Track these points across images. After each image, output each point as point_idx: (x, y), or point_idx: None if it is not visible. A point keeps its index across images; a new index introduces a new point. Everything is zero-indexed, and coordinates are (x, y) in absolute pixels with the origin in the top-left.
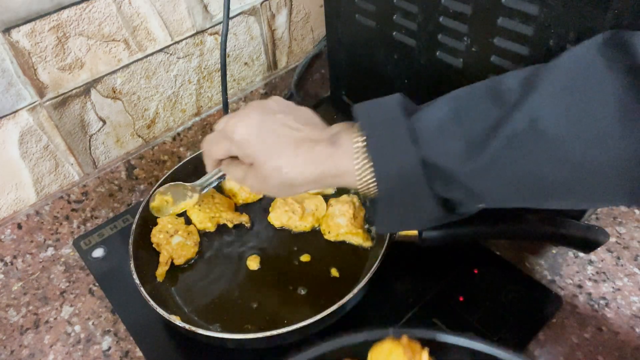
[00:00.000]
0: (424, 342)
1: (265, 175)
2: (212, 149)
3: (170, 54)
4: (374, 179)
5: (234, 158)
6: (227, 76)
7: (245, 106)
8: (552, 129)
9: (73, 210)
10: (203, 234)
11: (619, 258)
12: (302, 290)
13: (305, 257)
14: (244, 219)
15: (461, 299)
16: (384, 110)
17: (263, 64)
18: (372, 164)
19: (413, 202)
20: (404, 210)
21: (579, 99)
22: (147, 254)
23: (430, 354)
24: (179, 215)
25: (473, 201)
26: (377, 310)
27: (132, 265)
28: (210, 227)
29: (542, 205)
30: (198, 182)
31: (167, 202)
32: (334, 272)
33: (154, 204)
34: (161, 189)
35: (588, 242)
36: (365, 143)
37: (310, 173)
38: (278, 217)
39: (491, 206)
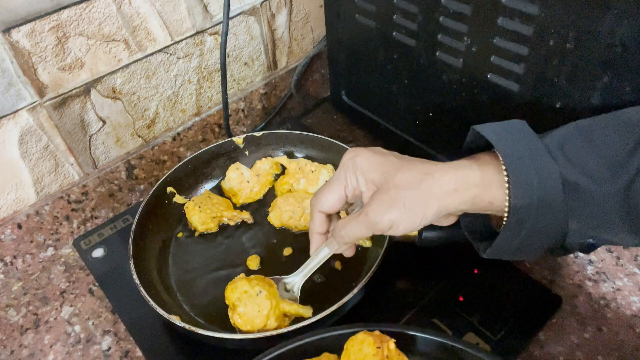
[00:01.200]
0: (394, 336)
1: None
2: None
3: (170, 54)
4: (510, 202)
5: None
6: (227, 76)
7: None
8: None
9: (73, 210)
10: (203, 235)
11: (619, 258)
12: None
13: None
14: (246, 215)
15: (461, 299)
16: (517, 133)
17: (263, 64)
18: (513, 191)
19: (543, 225)
20: (528, 235)
21: None
22: (147, 253)
23: (402, 347)
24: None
25: (592, 230)
26: (376, 310)
27: (132, 265)
28: (212, 227)
29: None
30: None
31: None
32: (337, 265)
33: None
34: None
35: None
36: (509, 168)
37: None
38: (278, 217)
39: (601, 242)
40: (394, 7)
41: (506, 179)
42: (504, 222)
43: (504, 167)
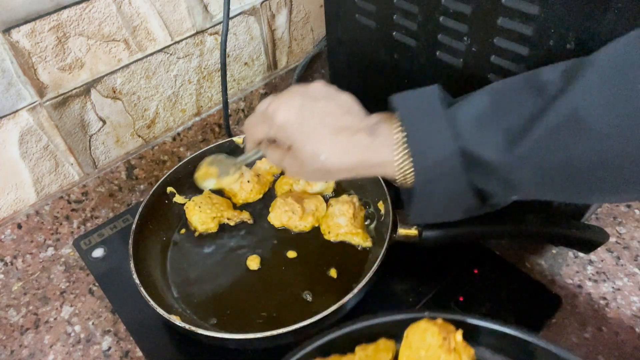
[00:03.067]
0: (456, 325)
1: (302, 160)
2: (253, 130)
3: (170, 54)
4: (413, 169)
5: (273, 141)
6: (227, 76)
7: (288, 89)
8: (594, 121)
9: (73, 210)
10: (203, 235)
11: (619, 258)
12: (301, 290)
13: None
14: (245, 216)
15: (461, 299)
16: (422, 101)
17: (263, 64)
18: (411, 154)
19: (449, 192)
20: (439, 201)
21: (620, 92)
22: (147, 253)
23: (464, 337)
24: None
25: (508, 193)
26: (377, 310)
27: (132, 265)
28: (212, 227)
29: (573, 199)
30: (238, 158)
31: (211, 174)
32: (333, 273)
33: (199, 173)
34: (208, 159)
35: (588, 242)
36: (405, 134)
37: (348, 161)
38: (278, 217)
39: (524, 198)
40: (394, 7)
41: (401, 139)
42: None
43: (400, 129)
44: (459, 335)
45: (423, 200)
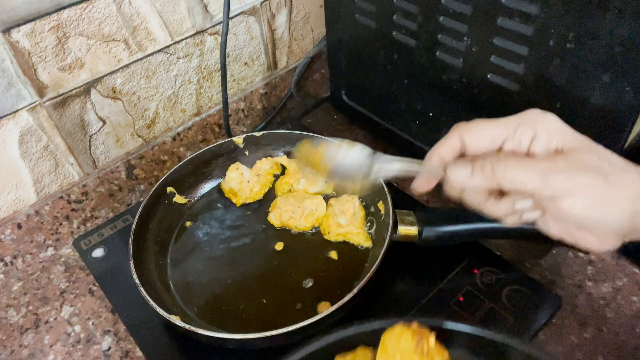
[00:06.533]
0: (432, 329)
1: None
2: (463, 170)
3: (170, 54)
4: None
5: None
6: (227, 76)
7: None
8: None
9: (73, 210)
10: (203, 235)
11: (619, 258)
12: (301, 290)
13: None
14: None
15: (461, 299)
16: None
17: (263, 64)
18: None
19: None
20: None
21: None
22: (147, 253)
23: (439, 340)
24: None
25: None
26: (377, 311)
27: (132, 265)
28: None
29: None
30: (373, 168)
31: (312, 158)
32: (333, 273)
33: (311, 159)
34: (327, 147)
35: None
36: None
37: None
38: (278, 216)
39: None
40: (394, 7)
41: None
42: None
43: None
44: (431, 338)
45: None
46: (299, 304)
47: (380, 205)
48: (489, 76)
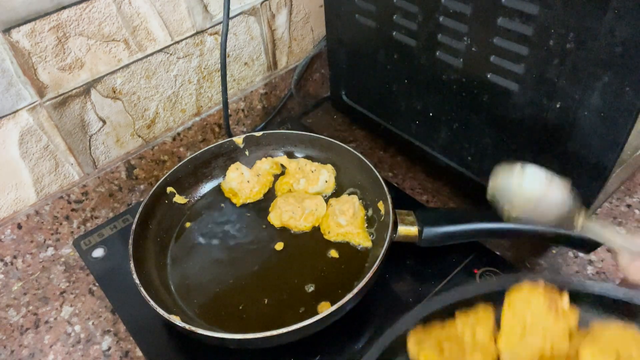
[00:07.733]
0: (561, 289)
1: None
2: None
3: (170, 54)
4: None
5: None
6: (227, 76)
7: None
8: None
9: (73, 210)
10: (203, 235)
11: None
12: (302, 290)
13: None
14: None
15: None
16: None
17: (263, 64)
18: None
19: None
20: None
21: None
22: (147, 253)
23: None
24: None
25: None
26: (377, 311)
27: (132, 265)
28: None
29: None
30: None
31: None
32: (332, 273)
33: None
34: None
35: (588, 242)
36: None
37: None
38: (278, 217)
39: None
40: (394, 7)
41: None
42: None
43: None
44: (565, 297)
45: None
46: (299, 304)
47: (380, 205)
48: (489, 76)
